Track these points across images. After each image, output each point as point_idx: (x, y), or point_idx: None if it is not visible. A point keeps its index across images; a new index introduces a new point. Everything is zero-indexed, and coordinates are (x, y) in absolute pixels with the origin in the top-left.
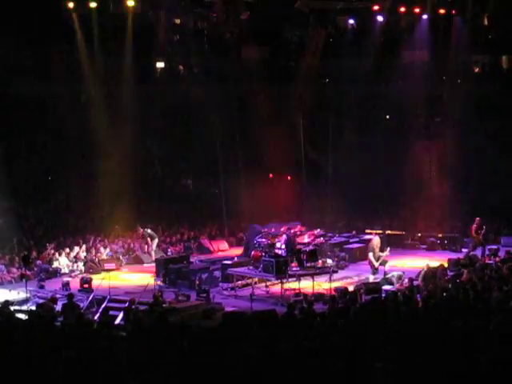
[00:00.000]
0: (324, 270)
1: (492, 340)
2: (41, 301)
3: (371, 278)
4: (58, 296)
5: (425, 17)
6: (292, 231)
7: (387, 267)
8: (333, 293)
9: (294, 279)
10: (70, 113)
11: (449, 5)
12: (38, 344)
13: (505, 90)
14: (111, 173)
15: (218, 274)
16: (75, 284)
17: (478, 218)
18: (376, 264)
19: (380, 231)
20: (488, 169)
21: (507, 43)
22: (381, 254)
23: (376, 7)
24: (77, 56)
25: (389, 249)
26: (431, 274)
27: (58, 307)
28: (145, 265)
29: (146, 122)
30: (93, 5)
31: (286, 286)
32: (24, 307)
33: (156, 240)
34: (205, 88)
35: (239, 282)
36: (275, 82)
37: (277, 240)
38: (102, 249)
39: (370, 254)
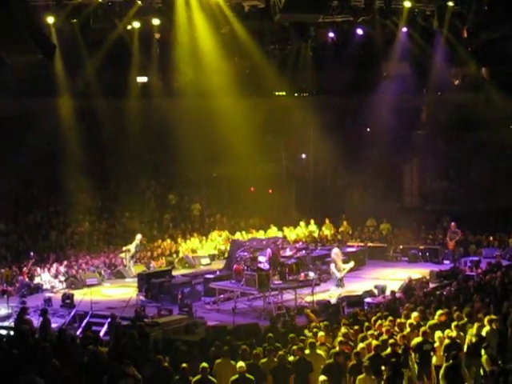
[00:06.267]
0: (306, 283)
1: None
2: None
3: (332, 290)
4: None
5: (404, 29)
6: (275, 245)
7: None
8: (315, 306)
9: (277, 292)
10: (48, 127)
11: (428, 17)
12: (21, 359)
13: (485, 101)
14: (92, 188)
15: (200, 288)
16: (57, 299)
17: (452, 223)
18: (339, 275)
19: (362, 244)
20: (470, 180)
21: (486, 55)
22: (344, 266)
23: (356, 20)
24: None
25: (352, 262)
26: (413, 286)
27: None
28: (127, 279)
29: (126, 136)
30: (72, 20)
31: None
32: (6, 323)
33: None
34: (184, 103)
35: (221, 296)
36: (256, 95)
37: (259, 253)
38: (83, 264)
39: (332, 266)
